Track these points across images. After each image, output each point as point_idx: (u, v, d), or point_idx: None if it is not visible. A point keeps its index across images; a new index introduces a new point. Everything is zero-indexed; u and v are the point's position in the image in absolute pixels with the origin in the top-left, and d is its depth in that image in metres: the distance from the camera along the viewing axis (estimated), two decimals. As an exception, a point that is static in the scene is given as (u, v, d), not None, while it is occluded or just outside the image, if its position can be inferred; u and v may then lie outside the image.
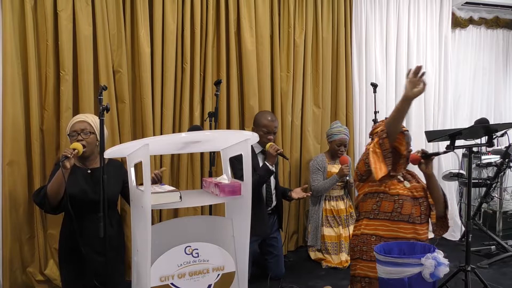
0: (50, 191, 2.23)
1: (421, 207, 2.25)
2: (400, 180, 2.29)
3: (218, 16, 3.56)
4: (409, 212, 2.20)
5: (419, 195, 2.28)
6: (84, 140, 2.34)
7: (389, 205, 2.21)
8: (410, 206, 2.21)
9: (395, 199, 2.21)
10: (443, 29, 4.50)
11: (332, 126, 3.78)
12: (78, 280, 2.35)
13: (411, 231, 2.19)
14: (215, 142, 2.12)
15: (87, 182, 2.35)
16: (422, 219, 2.25)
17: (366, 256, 2.24)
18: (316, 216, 3.71)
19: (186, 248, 1.87)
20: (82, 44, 3.09)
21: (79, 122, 2.38)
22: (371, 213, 2.26)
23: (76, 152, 2.15)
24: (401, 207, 2.20)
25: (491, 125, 2.78)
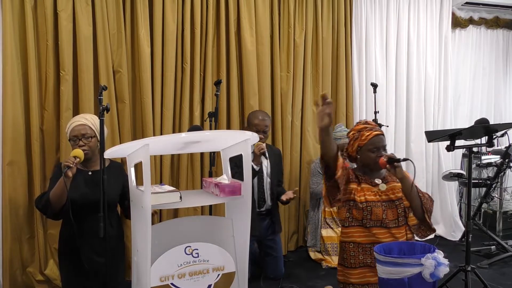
0: (53, 198, 2.21)
1: (398, 209, 2.19)
2: (376, 183, 2.26)
3: (218, 16, 3.56)
4: (381, 218, 2.16)
5: (396, 197, 2.21)
6: (86, 145, 2.31)
7: (358, 213, 2.19)
8: (380, 211, 2.16)
9: (363, 206, 2.18)
10: (443, 29, 4.50)
11: (336, 129, 3.75)
12: (78, 280, 2.35)
13: (387, 235, 2.16)
14: (215, 142, 2.12)
15: (88, 184, 2.34)
16: (400, 222, 2.19)
17: (347, 263, 2.24)
18: (315, 218, 3.71)
19: (186, 248, 1.87)
20: (82, 44, 3.09)
21: (79, 126, 2.33)
22: (346, 221, 2.26)
23: (78, 160, 2.12)
24: (370, 214, 2.17)
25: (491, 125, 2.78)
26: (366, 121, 2.35)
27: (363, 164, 2.28)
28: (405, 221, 2.22)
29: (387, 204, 2.19)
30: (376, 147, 2.20)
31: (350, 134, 2.32)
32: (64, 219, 2.39)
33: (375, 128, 2.26)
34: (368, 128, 2.25)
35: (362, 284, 2.20)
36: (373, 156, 2.20)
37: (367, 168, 2.27)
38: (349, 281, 2.23)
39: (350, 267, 2.23)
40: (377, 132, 2.23)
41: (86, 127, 2.33)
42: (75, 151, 2.17)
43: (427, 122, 4.46)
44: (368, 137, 2.21)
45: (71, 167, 2.06)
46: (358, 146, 2.24)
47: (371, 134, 2.21)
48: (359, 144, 2.24)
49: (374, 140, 2.20)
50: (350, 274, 2.22)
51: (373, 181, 2.25)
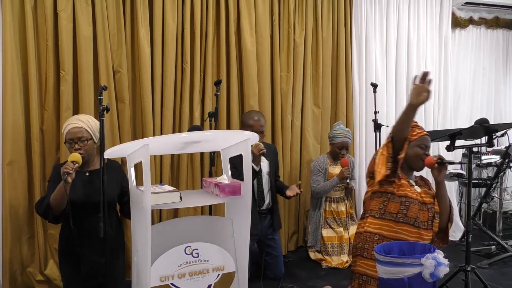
0: (53, 203, 2.21)
1: (429, 213, 2.24)
2: (411, 184, 2.28)
3: (218, 16, 3.56)
4: (415, 216, 2.19)
5: (429, 201, 2.26)
6: (82, 148, 2.30)
7: (395, 206, 2.20)
8: (416, 210, 2.19)
9: (402, 200, 2.20)
10: (443, 29, 4.50)
11: (334, 128, 3.76)
12: (79, 280, 2.35)
13: (415, 235, 2.18)
14: (215, 142, 2.12)
15: (85, 185, 2.34)
16: (429, 225, 2.23)
17: (367, 254, 2.24)
18: (316, 218, 3.71)
19: (186, 248, 1.87)
20: (82, 44, 3.09)
21: (74, 129, 2.31)
22: (377, 212, 2.26)
23: (76, 166, 2.10)
24: (407, 209, 2.19)
25: (491, 125, 2.78)
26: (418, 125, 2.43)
27: (406, 160, 2.28)
28: (432, 225, 2.25)
29: (422, 205, 2.22)
30: (425, 145, 2.27)
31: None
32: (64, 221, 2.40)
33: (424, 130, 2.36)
34: (419, 127, 2.35)
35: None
36: (421, 152, 2.26)
37: (409, 164, 2.29)
38: (367, 273, 2.22)
39: (371, 258, 2.21)
40: (426, 133, 2.31)
41: (82, 130, 2.31)
42: (73, 156, 2.13)
43: (427, 122, 4.45)
44: (419, 134, 2.29)
45: (71, 173, 2.05)
46: (408, 140, 2.27)
47: (422, 132, 2.30)
48: (409, 138, 2.27)
49: (425, 138, 2.28)
50: (371, 266, 2.20)
51: (410, 181, 2.28)
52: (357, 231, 2.37)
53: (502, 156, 3.81)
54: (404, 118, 2.11)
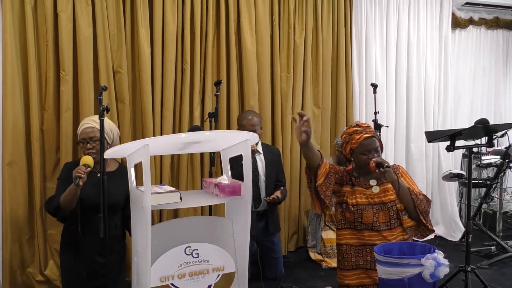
0: (63, 204, 2.23)
1: (390, 212, 2.20)
2: (370, 185, 2.26)
3: (218, 16, 3.56)
4: (371, 221, 2.18)
5: (388, 200, 2.21)
6: (93, 148, 2.34)
7: (350, 215, 2.22)
8: (371, 215, 2.18)
9: (354, 209, 2.20)
10: (443, 29, 4.50)
11: (342, 134, 3.71)
12: (79, 280, 2.35)
13: (378, 238, 2.17)
14: (215, 142, 2.12)
15: (95, 186, 2.33)
16: (392, 224, 2.20)
17: (341, 265, 2.27)
18: (316, 220, 3.70)
19: (186, 248, 1.87)
20: (82, 45, 3.09)
21: (87, 129, 2.36)
22: (339, 223, 2.29)
23: (88, 169, 2.14)
24: (361, 217, 2.19)
25: (491, 125, 2.78)
26: (358, 123, 2.36)
27: (357, 167, 2.30)
28: (398, 223, 2.22)
29: (379, 207, 2.20)
30: (367, 149, 2.22)
31: (342, 137, 2.36)
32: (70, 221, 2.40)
33: (366, 130, 2.27)
34: (358, 131, 2.27)
35: (357, 286, 2.21)
36: (365, 158, 2.22)
37: (362, 170, 2.29)
38: (344, 283, 2.25)
39: (344, 268, 2.25)
40: (367, 135, 2.24)
41: (95, 130, 2.35)
42: (85, 159, 2.17)
43: (427, 122, 4.46)
44: (359, 140, 2.23)
45: (82, 177, 2.09)
46: (350, 149, 2.27)
47: (361, 137, 2.23)
48: (351, 147, 2.27)
49: (365, 143, 2.22)
50: (345, 276, 2.24)
51: (368, 183, 2.26)
52: None
53: (502, 157, 3.81)
54: (304, 154, 2.19)
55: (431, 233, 2.27)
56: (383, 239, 2.17)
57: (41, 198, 3.05)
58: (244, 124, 3.16)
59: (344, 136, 2.33)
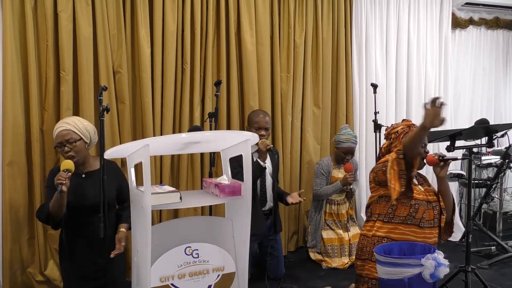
0: (52, 211, 2.22)
1: (434, 211, 2.27)
2: (415, 183, 2.29)
3: (218, 16, 3.56)
4: (421, 216, 2.23)
5: (433, 199, 2.29)
6: (71, 150, 2.30)
7: (404, 210, 2.23)
8: (423, 210, 2.23)
9: (412, 203, 2.23)
10: (443, 29, 4.50)
11: (341, 131, 3.72)
12: (79, 281, 2.35)
13: (421, 235, 2.22)
14: (215, 142, 2.12)
15: (82, 186, 2.33)
16: (434, 223, 2.27)
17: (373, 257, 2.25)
18: (316, 220, 3.70)
19: (186, 248, 1.87)
20: (82, 45, 3.09)
21: (62, 132, 2.31)
22: (386, 216, 2.28)
23: (69, 175, 2.10)
24: (416, 211, 2.23)
25: (491, 125, 2.79)
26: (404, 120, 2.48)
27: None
28: (438, 223, 2.27)
29: (429, 205, 2.24)
30: (425, 143, 2.30)
31: (399, 129, 2.40)
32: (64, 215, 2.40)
33: None
34: (415, 125, 2.38)
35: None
36: (422, 151, 2.28)
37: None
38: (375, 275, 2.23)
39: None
40: None
41: (70, 132, 2.31)
42: (65, 164, 2.13)
43: (427, 123, 4.45)
44: None
45: (64, 183, 2.05)
46: None
47: None
48: None
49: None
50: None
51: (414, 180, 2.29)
52: (363, 233, 2.37)
53: (502, 157, 3.81)
54: (416, 138, 2.13)
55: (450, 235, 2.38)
56: (425, 237, 2.22)
57: (41, 198, 3.04)
58: (258, 121, 3.17)
59: (402, 128, 2.39)
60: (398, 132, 2.39)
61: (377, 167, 2.36)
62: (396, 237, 2.23)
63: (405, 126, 2.39)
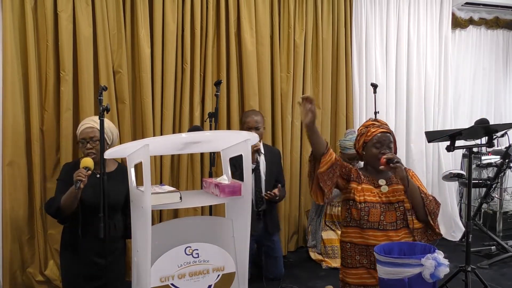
0: (64, 206, 2.23)
1: (397, 212, 2.19)
2: (378, 185, 2.25)
3: (218, 16, 3.56)
4: (378, 219, 2.16)
5: (396, 200, 2.20)
6: (93, 148, 2.35)
7: (356, 213, 2.18)
8: (378, 213, 2.16)
9: (361, 206, 2.17)
10: (443, 29, 4.50)
11: (346, 137, 3.70)
12: (79, 281, 2.35)
13: (382, 238, 2.15)
14: (215, 142, 2.12)
15: (95, 186, 2.34)
16: (398, 225, 2.18)
17: (345, 262, 2.26)
18: (316, 221, 3.70)
19: (186, 248, 1.87)
20: (82, 45, 3.09)
21: (87, 129, 2.37)
22: (345, 220, 2.27)
23: (89, 172, 2.15)
24: (367, 215, 2.17)
25: (491, 125, 2.78)
26: (376, 119, 2.39)
27: (367, 162, 2.29)
28: (404, 224, 2.21)
29: (386, 206, 2.19)
30: (380, 143, 2.21)
31: (358, 129, 2.36)
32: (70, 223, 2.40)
33: (383, 126, 2.29)
34: (375, 125, 2.29)
35: (359, 285, 2.21)
36: (376, 152, 2.21)
37: (370, 165, 2.28)
38: (346, 280, 2.24)
39: (347, 266, 2.24)
40: (383, 130, 2.25)
41: (95, 130, 2.36)
42: (85, 161, 2.18)
43: (427, 122, 4.45)
44: (374, 133, 2.24)
45: (83, 180, 2.10)
46: (364, 142, 2.26)
47: (377, 131, 2.24)
48: (364, 139, 2.26)
49: (379, 136, 2.22)
50: (347, 273, 2.24)
51: (377, 182, 2.25)
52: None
53: (502, 157, 3.81)
54: (309, 138, 2.11)
55: (438, 237, 2.25)
56: (388, 240, 2.15)
57: (41, 198, 3.05)
58: (248, 121, 3.18)
59: (360, 129, 2.33)
60: (358, 134, 2.34)
61: None
62: (357, 241, 2.20)
63: (363, 127, 2.32)
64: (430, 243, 2.21)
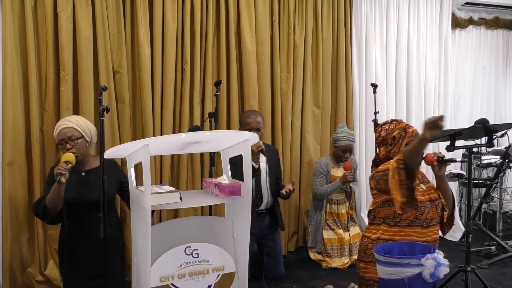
0: (49, 205, 2.21)
1: (437, 209, 2.28)
2: (417, 183, 2.28)
3: (218, 16, 3.56)
4: (425, 217, 2.24)
5: (434, 197, 2.30)
6: (73, 147, 2.32)
7: (411, 213, 2.23)
8: (427, 211, 2.24)
9: (418, 206, 2.21)
10: (443, 29, 4.50)
11: (338, 130, 3.73)
12: (79, 281, 2.35)
13: (424, 235, 2.23)
14: (215, 142, 2.12)
15: (82, 185, 2.34)
16: (437, 221, 2.29)
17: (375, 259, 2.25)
18: (317, 219, 3.70)
19: (186, 248, 1.87)
20: (82, 45, 3.09)
21: (64, 129, 2.34)
22: (392, 219, 2.27)
23: (70, 166, 2.11)
24: (422, 214, 2.24)
25: (491, 125, 2.79)
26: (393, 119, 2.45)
27: None
28: (439, 220, 2.32)
29: (430, 204, 2.27)
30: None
31: (395, 134, 2.36)
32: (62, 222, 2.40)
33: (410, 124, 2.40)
34: (409, 125, 2.38)
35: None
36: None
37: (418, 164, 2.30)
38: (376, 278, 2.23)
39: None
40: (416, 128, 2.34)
41: (72, 129, 2.34)
42: (66, 156, 2.15)
43: (427, 122, 4.45)
44: (413, 132, 2.33)
45: (64, 173, 2.06)
46: (407, 143, 2.31)
47: (414, 130, 2.33)
48: (407, 141, 2.31)
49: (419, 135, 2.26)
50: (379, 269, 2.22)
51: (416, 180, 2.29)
52: (367, 235, 2.36)
53: (502, 157, 3.81)
54: (416, 149, 2.11)
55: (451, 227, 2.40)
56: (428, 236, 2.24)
57: (41, 198, 3.05)
58: (249, 122, 3.17)
59: (397, 132, 2.35)
60: (395, 137, 2.34)
61: (378, 175, 2.31)
62: (400, 239, 2.24)
63: (400, 129, 2.34)
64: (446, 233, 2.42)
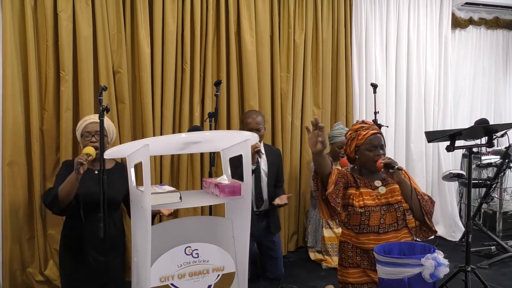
0: (61, 194, 2.22)
1: (397, 213, 2.18)
2: (375, 186, 2.23)
3: (218, 16, 3.56)
4: (378, 223, 2.15)
5: (395, 200, 2.19)
6: (97, 142, 2.36)
7: (356, 219, 2.16)
8: (378, 217, 2.15)
9: (361, 211, 2.15)
10: (443, 29, 4.50)
11: (334, 127, 3.77)
12: (79, 280, 2.35)
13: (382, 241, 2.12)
14: (215, 142, 2.12)
15: (93, 183, 2.34)
16: (399, 225, 2.18)
17: (345, 263, 2.24)
18: (316, 218, 3.70)
19: (186, 248, 1.87)
20: (82, 45, 3.09)
21: (93, 123, 2.39)
22: (346, 222, 2.24)
23: (90, 158, 2.17)
24: (368, 219, 2.15)
25: (491, 125, 2.78)
26: (363, 121, 2.34)
27: (361, 165, 2.27)
28: (404, 224, 2.21)
29: (386, 208, 2.18)
30: (373, 145, 2.19)
31: (347, 134, 2.31)
32: (68, 217, 2.40)
33: (372, 127, 2.25)
34: (365, 128, 2.24)
35: (360, 284, 2.20)
36: (371, 155, 2.19)
37: (366, 168, 2.26)
38: (347, 280, 2.23)
39: (347, 266, 2.23)
40: (374, 131, 2.22)
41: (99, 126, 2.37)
42: (87, 149, 2.21)
43: (427, 122, 4.46)
44: (365, 136, 2.20)
45: (84, 164, 2.11)
46: (356, 146, 2.23)
47: (368, 133, 2.20)
48: (356, 143, 2.23)
49: (372, 139, 2.19)
50: (348, 273, 2.23)
51: (373, 183, 2.24)
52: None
53: (502, 157, 3.81)
54: (314, 163, 2.06)
55: (433, 234, 2.24)
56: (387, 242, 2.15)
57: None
58: (249, 122, 3.18)
59: (349, 133, 2.28)
60: (347, 138, 2.29)
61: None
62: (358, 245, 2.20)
63: (352, 131, 2.27)
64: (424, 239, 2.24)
